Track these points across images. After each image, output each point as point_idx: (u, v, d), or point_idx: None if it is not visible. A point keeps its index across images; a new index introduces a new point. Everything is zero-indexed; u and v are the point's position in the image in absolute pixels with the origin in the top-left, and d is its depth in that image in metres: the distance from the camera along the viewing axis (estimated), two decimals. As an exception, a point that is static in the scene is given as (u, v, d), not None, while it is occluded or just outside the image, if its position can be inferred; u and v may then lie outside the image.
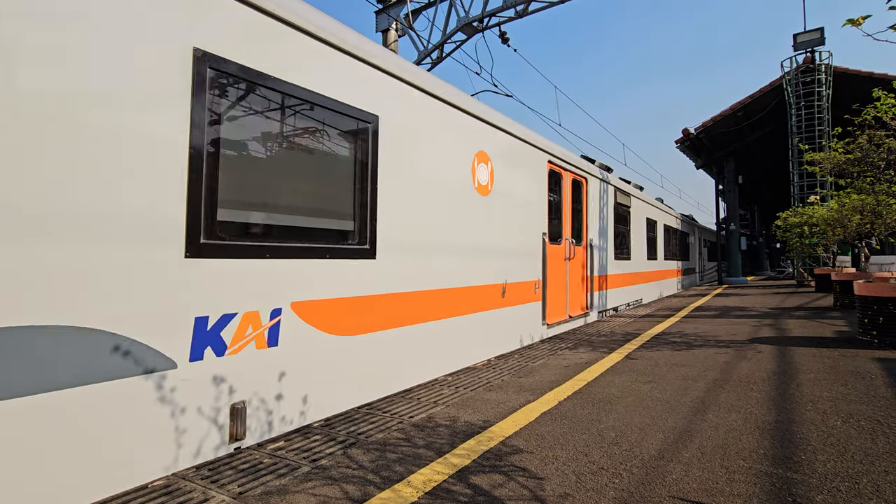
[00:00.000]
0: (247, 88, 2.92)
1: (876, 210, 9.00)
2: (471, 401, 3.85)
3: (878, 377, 4.29)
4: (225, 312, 2.75)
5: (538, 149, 6.76)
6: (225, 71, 2.75)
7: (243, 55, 2.86)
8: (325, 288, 3.40)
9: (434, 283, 4.57)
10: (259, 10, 2.97)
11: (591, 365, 5.06)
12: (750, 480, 2.38)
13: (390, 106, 4.02)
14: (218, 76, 2.73)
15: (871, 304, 5.90)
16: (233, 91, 2.85)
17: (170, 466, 2.52)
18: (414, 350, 4.28)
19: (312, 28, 3.30)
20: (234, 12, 2.84)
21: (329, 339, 3.41)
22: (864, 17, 3.05)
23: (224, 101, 2.80)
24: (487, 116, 5.53)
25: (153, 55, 2.45)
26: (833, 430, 3.02)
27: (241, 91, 2.89)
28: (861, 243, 11.18)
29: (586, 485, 2.38)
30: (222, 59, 2.74)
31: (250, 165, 2.99)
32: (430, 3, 12.67)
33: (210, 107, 2.69)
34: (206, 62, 2.65)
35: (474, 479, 2.44)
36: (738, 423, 3.17)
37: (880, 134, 6.19)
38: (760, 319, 8.63)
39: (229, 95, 2.83)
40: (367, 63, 3.78)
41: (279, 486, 2.41)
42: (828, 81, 18.05)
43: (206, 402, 2.66)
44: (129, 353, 2.34)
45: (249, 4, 2.92)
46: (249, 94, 2.93)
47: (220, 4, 2.77)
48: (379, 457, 2.75)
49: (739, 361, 5.06)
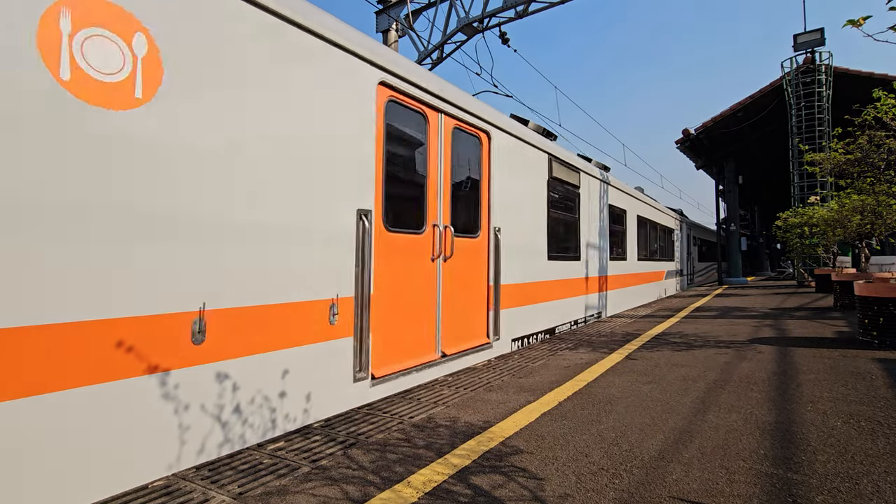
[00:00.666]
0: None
1: (876, 210, 9.00)
2: (471, 401, 3.85)
3: (879, 378, 4.28)
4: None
5: (347, 52, 3.67)
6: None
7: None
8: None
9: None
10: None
11: (592, 365, 5.06)
12: (750, 481, 2.38)
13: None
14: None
15: (871, 304, 5.90)
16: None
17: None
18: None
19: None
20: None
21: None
22: (865, 17, 3.05)
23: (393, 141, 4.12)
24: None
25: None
26: (833, 431, 3.01)
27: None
28: (861, 244, 11.18)
29: (586, 485, 2.38)
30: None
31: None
32: (431, 3, 12.67)
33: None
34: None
35: (474, 480, 2.44)
36: (738, 424, 3.17)
37: (880, 134, 6.19)
38: (761, 320, 8.63)
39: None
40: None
41: (279, 487, 2.41)
42: (828, 82, 18.06)
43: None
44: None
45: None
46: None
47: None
48: (379, 457, 2.75)
49: (740, 362, 5.06)
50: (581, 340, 6.71)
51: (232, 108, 2.85)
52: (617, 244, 10.83)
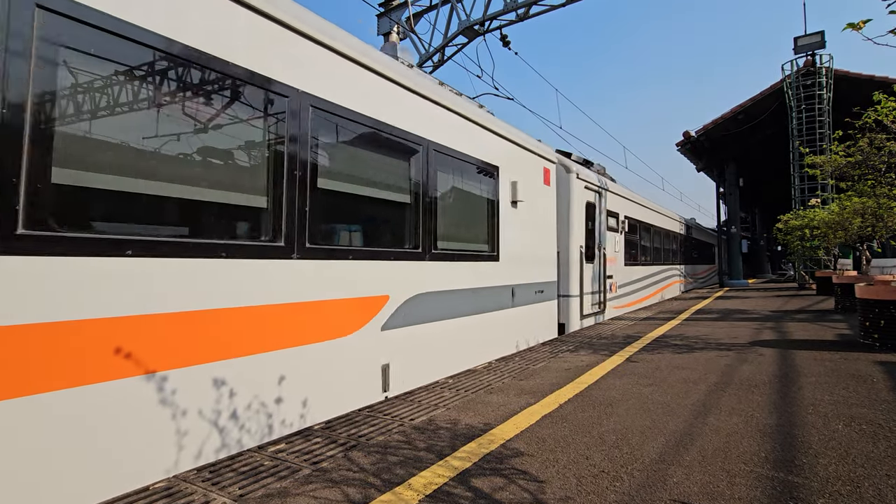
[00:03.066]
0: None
1: (877, 213, 9.00)
2: (472, 403, 3.85)
3: (880, 381, 4.28)
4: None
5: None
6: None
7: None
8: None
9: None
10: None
11: (592, 367, 5.06)
12: (751, 484, 2.37)
13: None
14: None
15: (872, 307, 5.89)
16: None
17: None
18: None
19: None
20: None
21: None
22: (865, 21, 3.06)
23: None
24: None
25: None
26: (834, 434, 3.01)
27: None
28: (862, 246, 11.17)
29: (587, 488, 2.38)
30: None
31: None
32: (432, 6, 12.71)
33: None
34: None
35: (475, 482, 2.44)
36: (739, 427, 3.17)
37: (881, 137, 6.19)
38: (762, 322, 8.62)
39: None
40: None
41: (280, 489, 2.41)
42: (828, 84, 18.07)
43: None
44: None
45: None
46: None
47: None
48: (380, 459, 2.75)
49: (741, 364, 5.06)
50: (582, 342, 6.71)
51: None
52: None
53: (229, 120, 2.97)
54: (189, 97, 2.74)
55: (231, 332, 2.82)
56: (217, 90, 2.88)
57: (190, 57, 2.70)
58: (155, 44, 2.53)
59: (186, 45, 2.67)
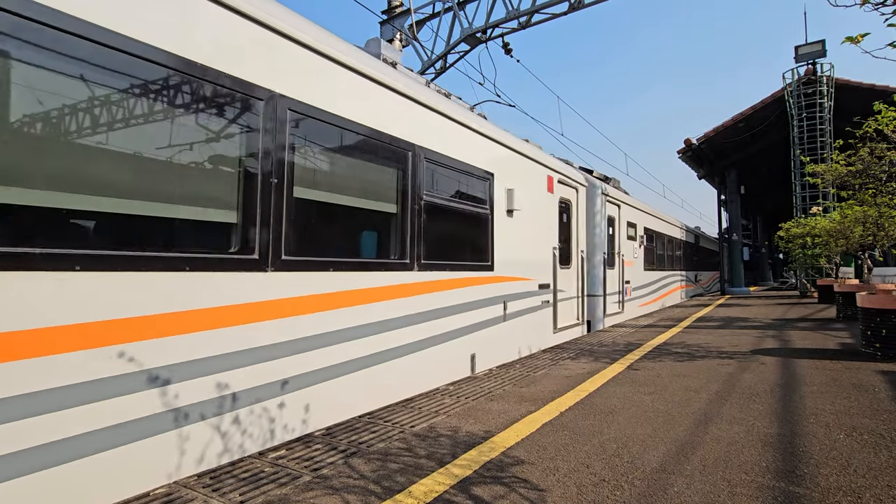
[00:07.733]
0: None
1: (878, 222, 8.99)
2: (472, 410, 3.85)
3: (882, 390, 4.27)
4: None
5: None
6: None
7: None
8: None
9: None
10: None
11: (593, 375, 5.05)
12: (752, 494, 2.37)
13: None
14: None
15: (873, 316, 5.88)
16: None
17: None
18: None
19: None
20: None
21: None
22: (863, 35, 3.09)
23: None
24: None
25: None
26: (836, 444, 3.00)
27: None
28: (864, 255, 11.16)
29: (588, 497, 2.37)
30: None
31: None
32: (435, 14, 12.81)
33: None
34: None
35: (476, 490, 2.44)
36: (740, 436, 3.17)
37: (882, 146, 6.21)
38: (763, 330, 8.60)
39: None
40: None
41: (280, 496, 2.41)
42: (829, 93, 18.12)
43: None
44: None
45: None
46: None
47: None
48: (380, 466, 2.75)
49: (742, 373, 5.05)
50: (583, 350, 6.70)
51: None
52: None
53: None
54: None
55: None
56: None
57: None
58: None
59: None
